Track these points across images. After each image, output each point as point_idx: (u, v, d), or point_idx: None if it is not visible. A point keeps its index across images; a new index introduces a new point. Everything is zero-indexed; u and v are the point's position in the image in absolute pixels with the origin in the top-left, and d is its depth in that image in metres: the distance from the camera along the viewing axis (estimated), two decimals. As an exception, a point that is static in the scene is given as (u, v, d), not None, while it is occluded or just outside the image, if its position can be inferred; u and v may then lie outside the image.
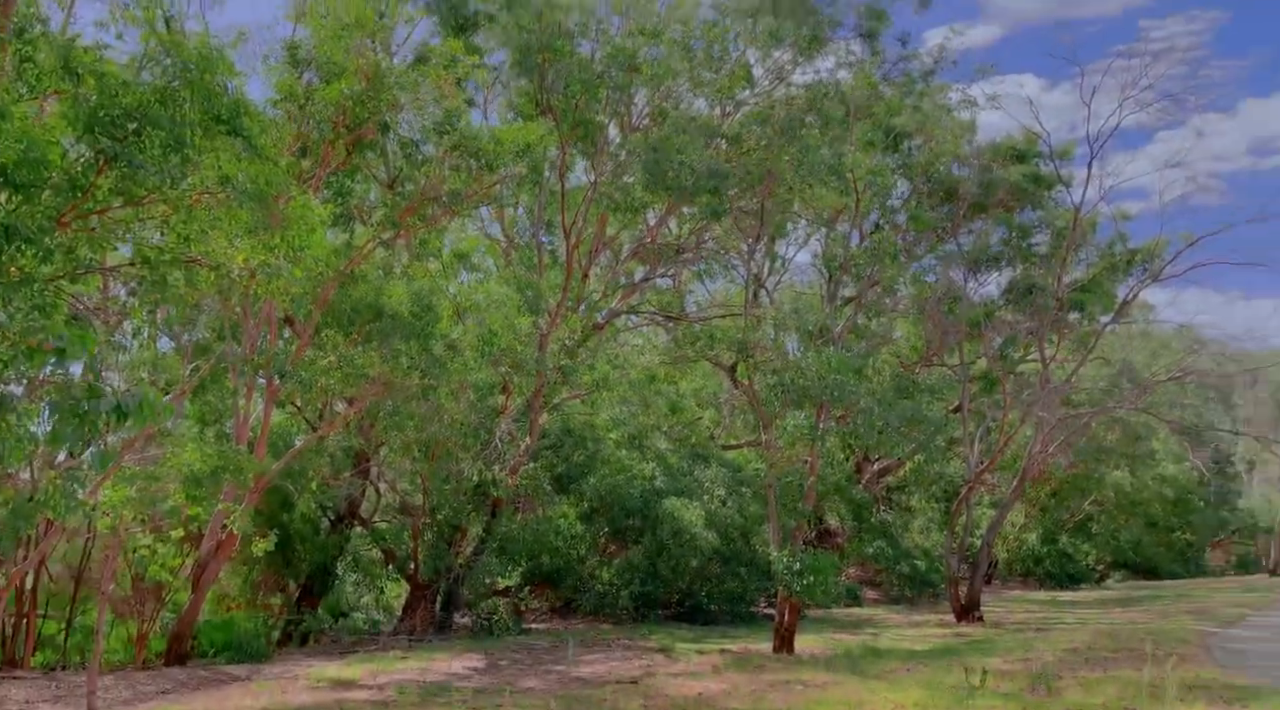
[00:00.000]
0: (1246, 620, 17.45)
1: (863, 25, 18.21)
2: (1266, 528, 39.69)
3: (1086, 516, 34.09)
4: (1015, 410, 24.78)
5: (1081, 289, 26.04)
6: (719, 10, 16.16)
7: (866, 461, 27.99)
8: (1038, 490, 31.97)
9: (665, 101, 16.62)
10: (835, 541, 27.64)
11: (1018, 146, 24.58)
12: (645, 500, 18.92)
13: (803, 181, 16.71)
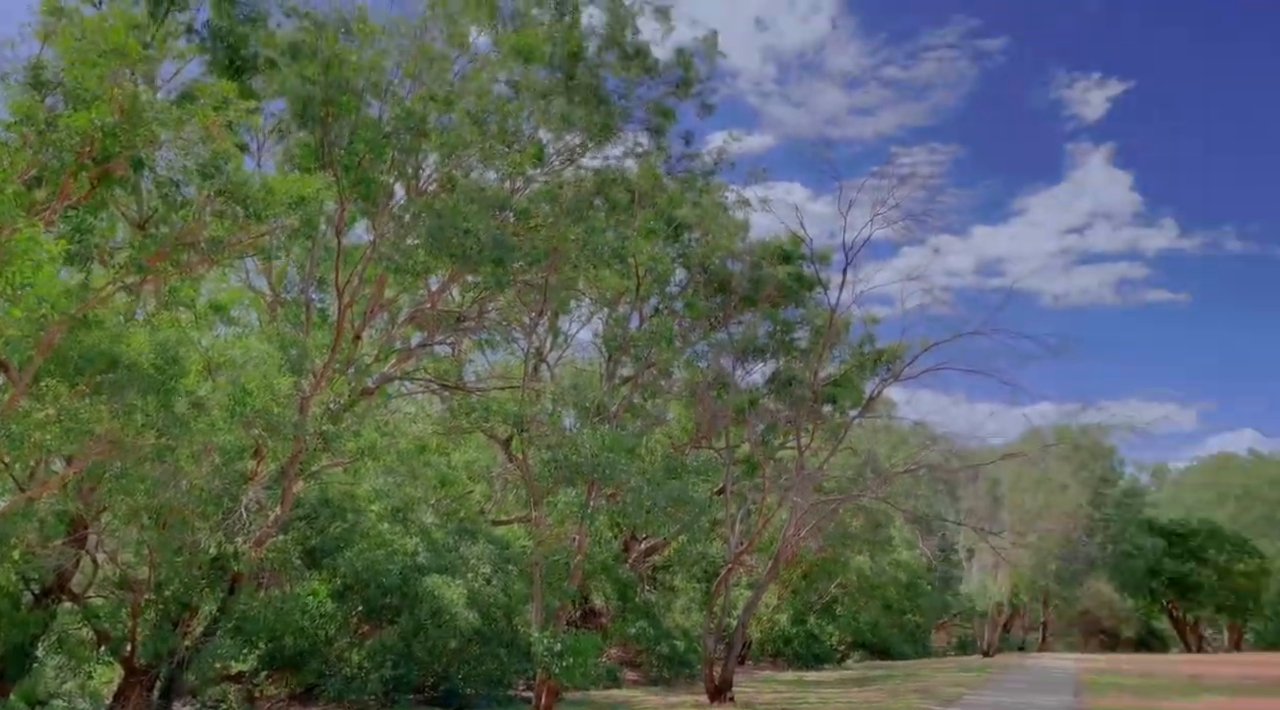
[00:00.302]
0: (963, 699, 18.95)
1: (651, 120, 19.10)
2: (982, 612, 43.74)
3: (832, 598, 36.13)
4: (773, 494, 26.05)
5: (835, 383, 28.08)
6: (514, 87, 16.39)
7: (634, 541, 28.31)
8: (790, 572, 33.56)
9: (456, 169, 16.51)
10: (600, 621, 27.54)
11: (785, 247, 26.44)
12: (405, 577, 18.01)
13: (587, 261, 17.04)
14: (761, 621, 33.99)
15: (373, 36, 13.74)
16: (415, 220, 15.35)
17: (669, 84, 18.80)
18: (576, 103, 16.19)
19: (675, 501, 19.43)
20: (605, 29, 17.60)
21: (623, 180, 18.74)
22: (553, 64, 16.37)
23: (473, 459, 26.26)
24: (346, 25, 13.54)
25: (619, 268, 18.41)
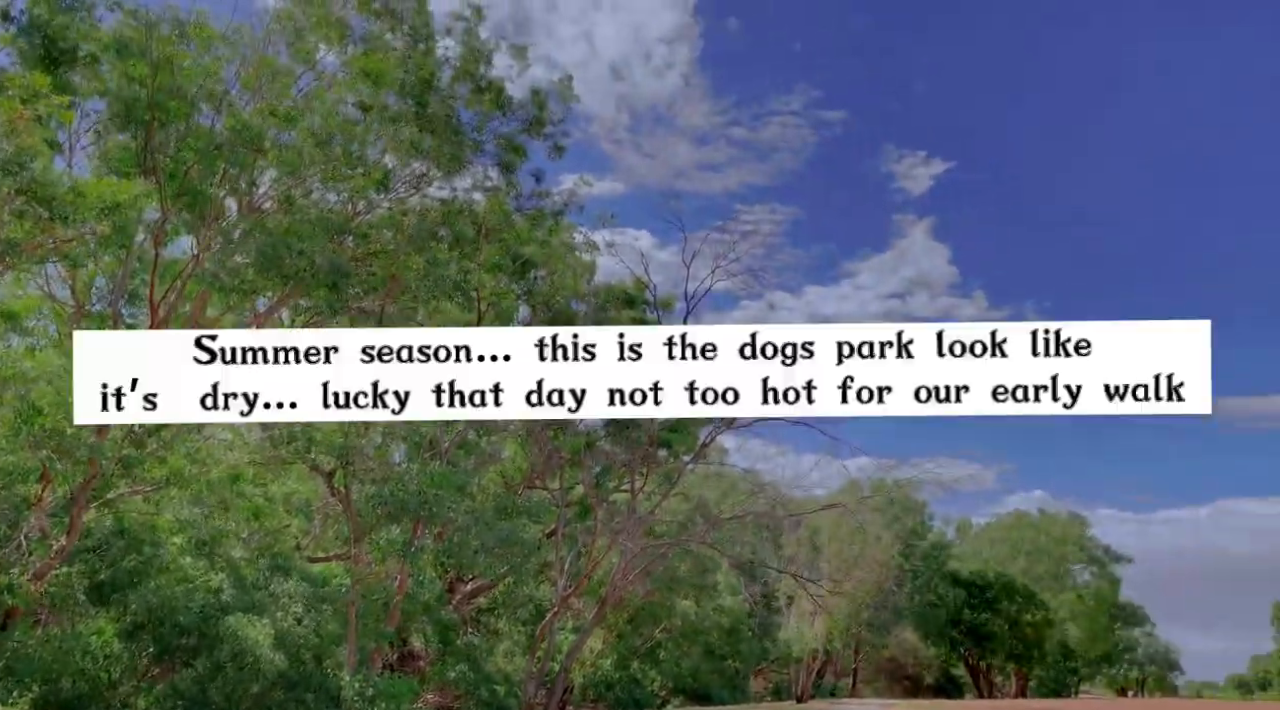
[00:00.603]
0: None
1: (502, 156, 19.06)
2: (798, 658, 45.11)
3: (656, 643, 36.31)
4: (605, 537, 26.08)
5: (671, 429, 28.54)
6: (363, 109, 15.98)
7: (460, 581, 27.54)
8: (617, 616, 33.53)
9: (295, 188, 15.86)
10: (418, 665, 26.52)
11: (629, 292, 26.83)
12: (205, 615, 16.75)
13: (428, 292, 16.69)
14: (585, 666, 33.70)
15: (211, 42, 13.07)
16: (246, 237, 14.59)
17: (522, 121, 18.86)
18: (427, 131, 15.94)
19: (504, 542, 19.12)
20: (460, 61, 17.49)
21: (470, 213, 18.54)
22: (404, 90, 16.08)
23: (292, 491, 24.91)
24: (182, 28, 12.82)
25: (461, 301, 18.14)
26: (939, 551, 64.83)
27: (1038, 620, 61.27)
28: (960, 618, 59.66)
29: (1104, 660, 74.54)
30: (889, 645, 61.27)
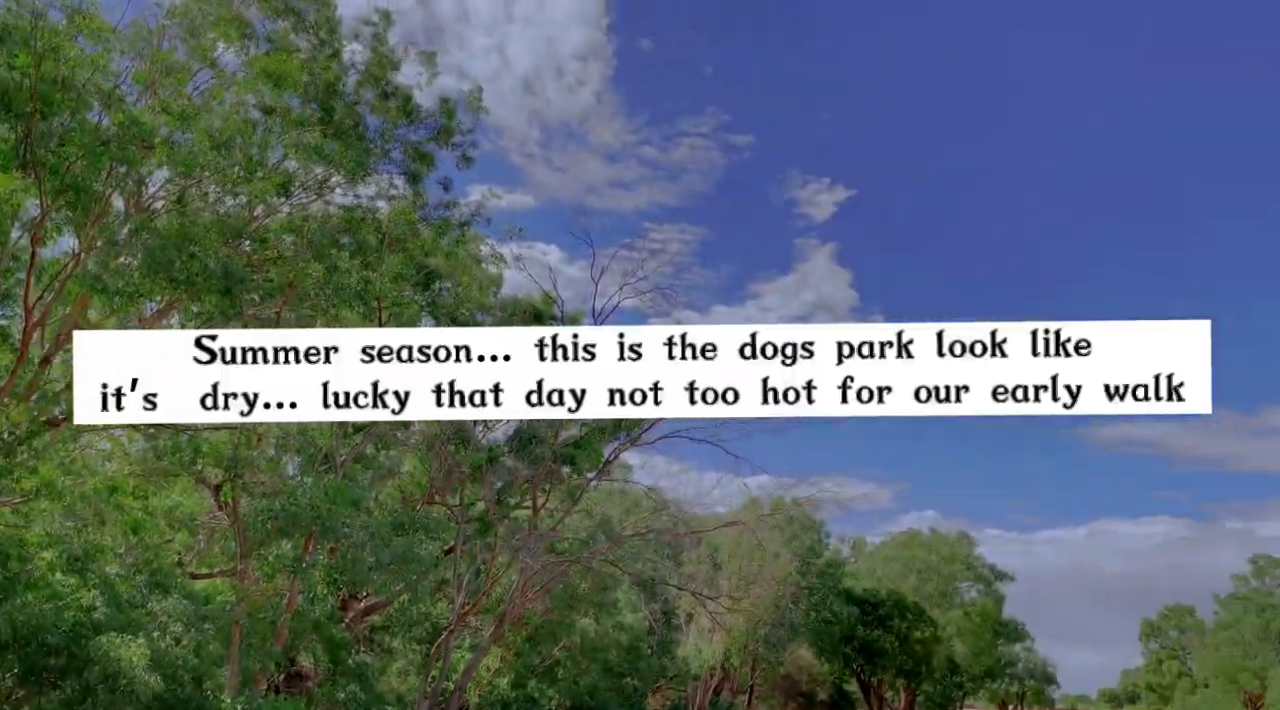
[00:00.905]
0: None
1: (409, 164, 18.77)
2: (696, 675, 45.36)
3: (555, 661, 35.99)
4: (505, 554, 25.77)
5: (575, 445, 28.44)
6: (264, 111, 15.53)
7: (354, 599, 26.76)
8: (515, 634, 33.12)
9: (190, 188, 15.27)
10: (305, 685, 25.63)
11: (537, 307, 26.71)
12: (76, 634, 15.82)
13: (328, 300, 16.28)
14: (481, 685, 33.14)
15: (101, 34, 12.50)
16: (133, 238, 13.96)
17: (430, 130, 18.63)
18: (331, 136, 15.59)
19: (401, 559, 18.71)
20: (367, 66, 17.19)
21: (374, 221, 18.18)
22: (308, 93, 15.70)
23: (175, 504, 23.83)
24: (71, 17, 12.23)
25: (362, 310, 17.74)
26: (835, 569, 66.24)
27: (926, 637, 63.25)
28: (853, 634, 61.03)
29: (987, 675, 77.26)
30: (785, 662, 62.13)
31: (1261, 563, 76.24)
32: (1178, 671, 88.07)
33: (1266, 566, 75.88)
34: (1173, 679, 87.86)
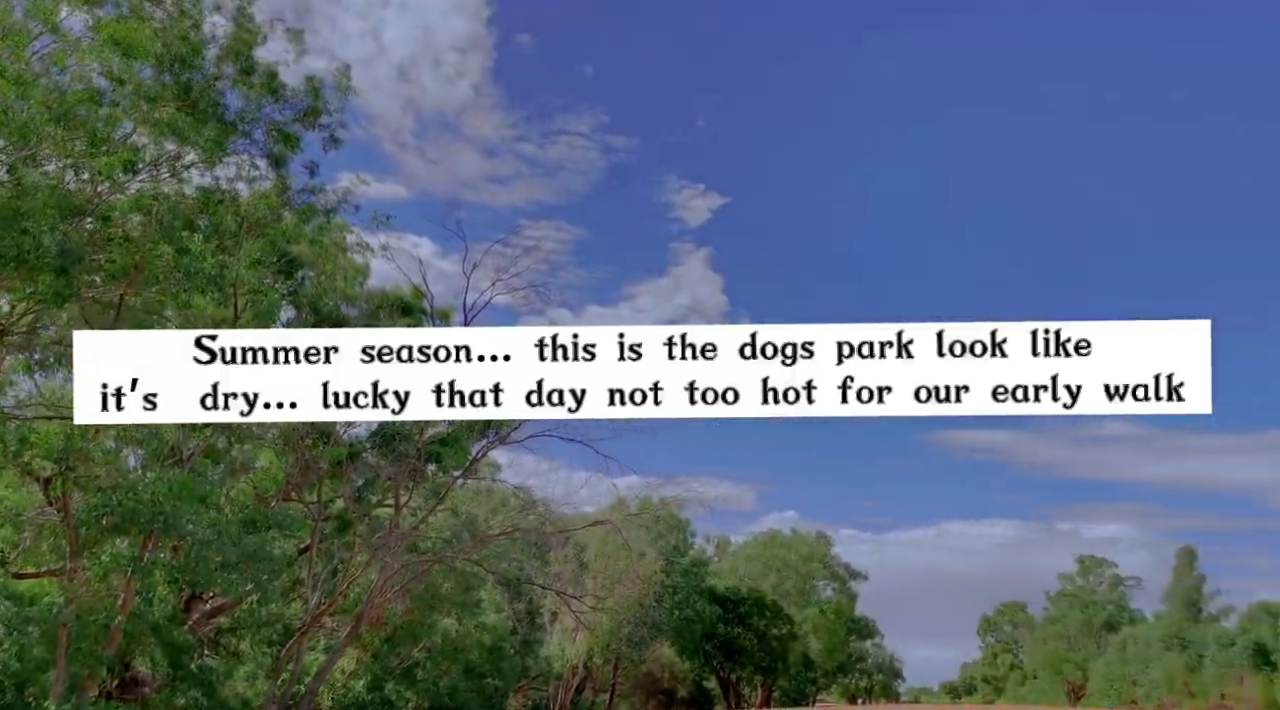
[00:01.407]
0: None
1: (272, 145, 17.95)
2: (558, 674, 45.30)
3: (415, 663, 35.22)
4: (364, 553, 25.01)
5: (441, 442, 27.91)
6: (111, 81, 14.55)
7: (198, 599, 25.42)
8: (373, 636, 32.22)
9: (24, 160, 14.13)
10: (141, 692, 24.16)
11: (406, 299, 26.07)
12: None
13: (178, 285, 15.41)
14: (335, 688, 32.09)
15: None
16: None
17: (295, 110, 17.86)
18: (186, 112, 14.75)
19: (250, 557, 17.91)
20: (229, 40, 16.36)
21: (233, 204, 17.32)
22: (162, 64, 14.79)
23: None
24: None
25: (216, 296, 16.87)
26: (698, 568, 67.39)
27: (783, 634, 65.20)
28: (714, 632, 62.25)
29: (839, 670, 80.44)
30: (647, 660, 62.75)
31: (1087, 562, 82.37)
32: (1010, 664, 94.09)
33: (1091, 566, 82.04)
34: (1006, 671, 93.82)
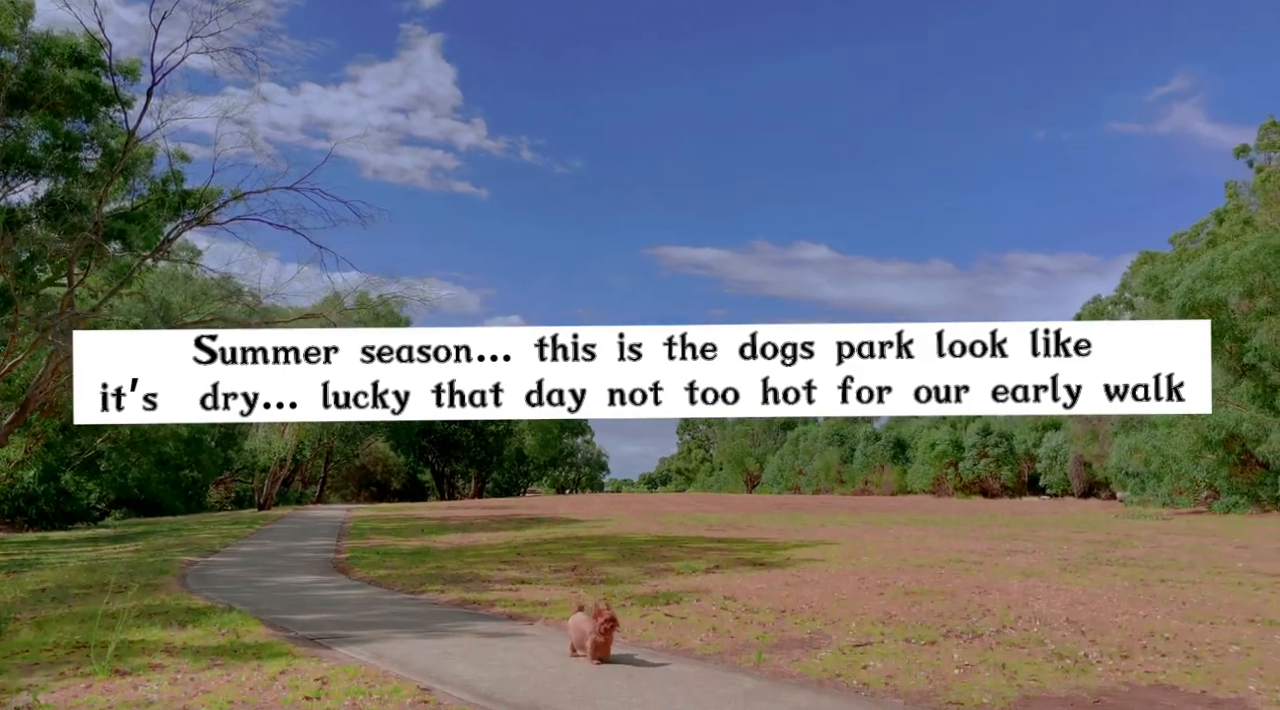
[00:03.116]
0: (226, 548, 19.07)
1: None
2: (264, 467, 44.27)
3: (97, 453, 32.90)
4: (31, 335, 22.40)
5: (127, 218, 25.08)
6: None
7: None
8: (46, 424, 29.53)
9: None
10: None
11: (79, 48, 22.46)
12: None
13: None
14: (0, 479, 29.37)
15: None
16: None
17: None
18: None
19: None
20: None
21: None
22: None
23: None
24: None
25: None
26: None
27: (500, 431, 67.59)
28: (431, 428, 63.23)
29: (551, 464, 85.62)
30: (360, 455, 62.93)
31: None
32: (701, 458, 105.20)
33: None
34: (697, 464, 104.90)
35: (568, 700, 5.87)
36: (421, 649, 7.70)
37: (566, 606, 10.08)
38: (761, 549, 16.76)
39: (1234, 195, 42.37)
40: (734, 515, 29.10)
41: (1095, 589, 10.69)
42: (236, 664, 7.10)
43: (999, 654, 7.20)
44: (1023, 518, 27.34)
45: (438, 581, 12.65)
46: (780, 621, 8.91)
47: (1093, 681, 6.32)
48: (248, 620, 9.14)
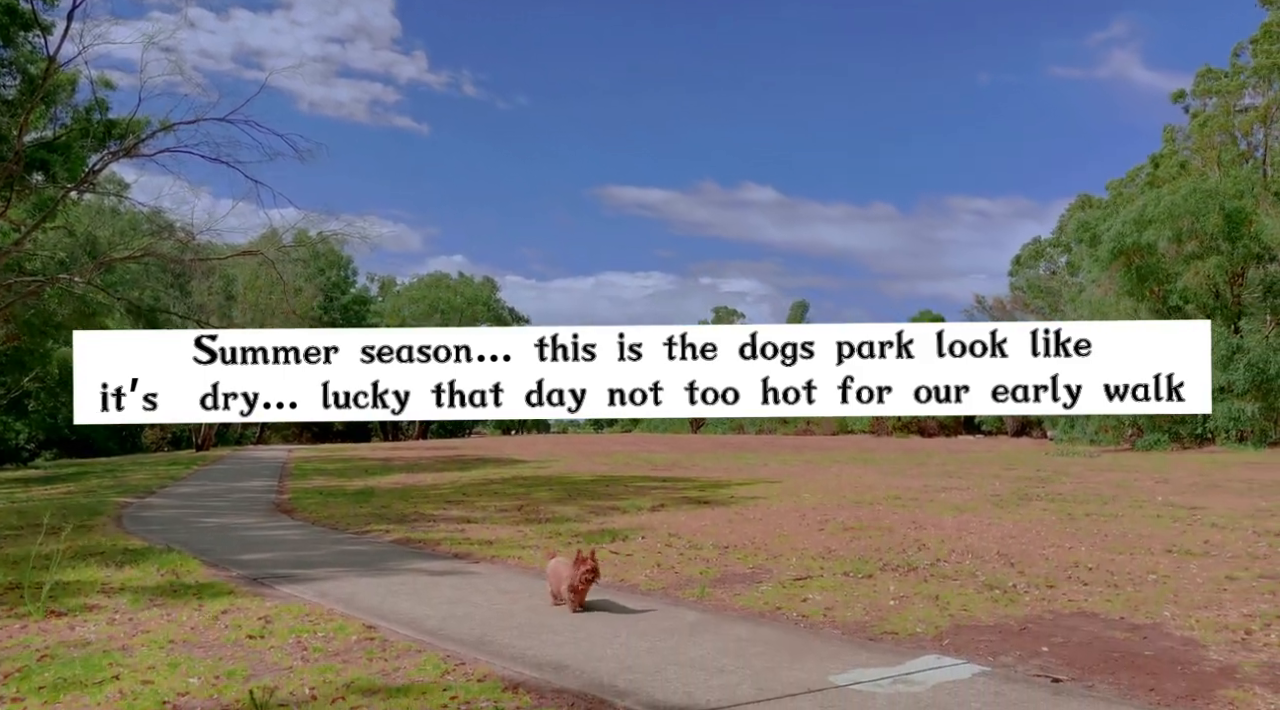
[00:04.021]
0: (164, 489, 18.75)
1: None
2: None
3: (24, 393, 31.92)
4: (-53, 270, 21.46)
5: (48, 147, 24.02)
6: None
7: None
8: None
9: None
10: None
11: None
12: None
13: None
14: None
15: None
16: None
17: None
18: None
19: None
20: None
21: None
22: None
23: None
24: None
25: None
26: (360, 306, 66.35)
27: (444, 372, 67.01)
28: (373, 369, 62.38)
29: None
30: (301, 395, 61.79)
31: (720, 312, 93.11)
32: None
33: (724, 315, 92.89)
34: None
35: (514, 635, 5.94)
36: (367, 587, 7.71)
37: (513, 545, 10.16)
38: (706, 487, 17.03)
39: (1171, 139, 43.25)
40: (679, 455, 29.47)
41: (1025, 523, 11.10)
42: (177, 604, 7.04)
43: (932, 586, 7.46)
44: (958, 456, 28.20)
45: (383, 521, 12.63)
46: (723, 557, 9.10)
47: (1020, 611, 6.59)
48: (188, 560, 9.04)
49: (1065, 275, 54.33)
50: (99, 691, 4.82)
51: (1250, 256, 31.80)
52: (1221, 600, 6.76)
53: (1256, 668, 5.13)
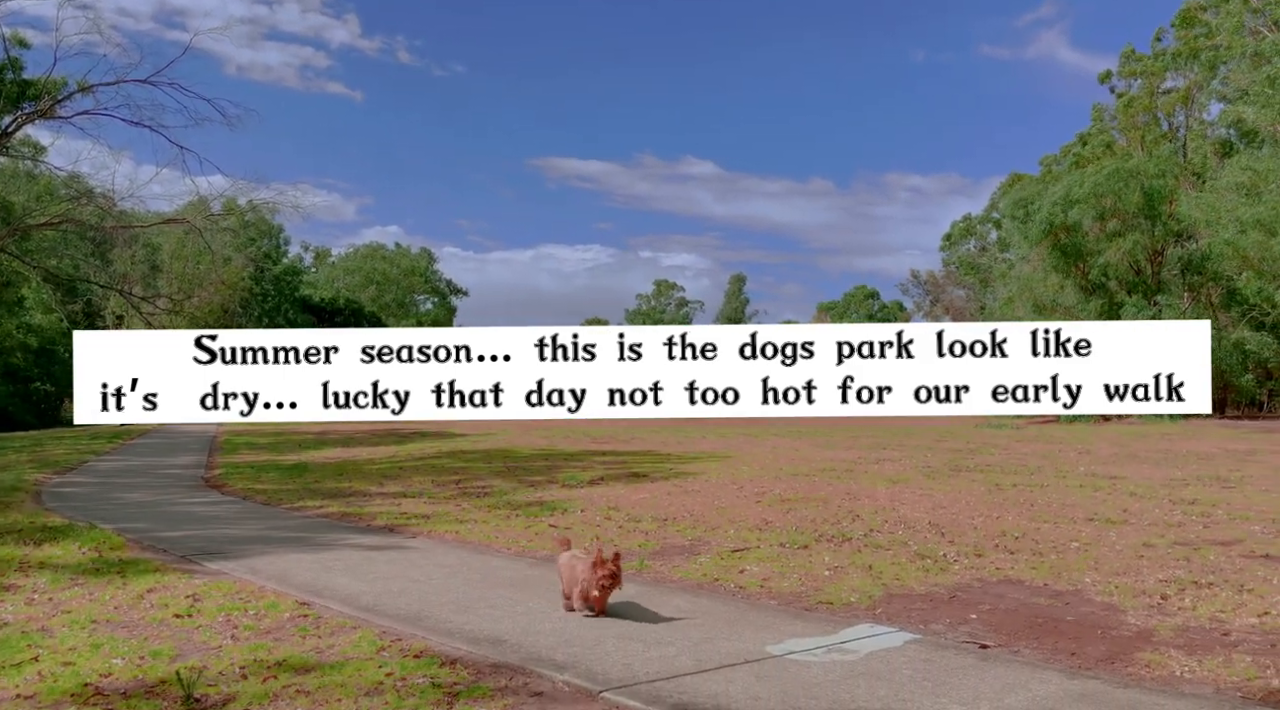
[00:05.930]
0: (86, 465, 18.15)
1: None
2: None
3: (-65, 365, 30.51)
4: None
5: (-46, 108, 22.84)
6: None
7: None
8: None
9: None
10: None
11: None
12: None
13: None
14: None
15: None
16: None
17: None
18: None
19: None
20: None
21: None
22: None
23: None
24: None
25: None
26: (292, 277, 64.74)
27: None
28: (304, 338, 61.16)
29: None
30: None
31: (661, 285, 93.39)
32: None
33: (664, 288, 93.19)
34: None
35: (451, 610, 5.90)
36: (300, 563, 7.57)
37: (451, 519, 10.07)
38: (645, 461, 17.10)
39: (1099, 117, 44.39)
40: (618, 428, 29.53)
41: (955, 494, 11.39)
42: (99, 582, 6.82)
43: (866, 556, 7.61)
44: (891, 428, 28.79)
45: (317, 496, 12.41)
46: (662, 530, 9.15)
47: (950, 579, 6.77)
48: (111, 537, 8.76)
49: (995, 252, 55.61)
50: (17, 674, 4.65)
51: (1170, 234, 32.92)
52: (1139, 567, 7.03)
53: (1172, 631, 5.35)
